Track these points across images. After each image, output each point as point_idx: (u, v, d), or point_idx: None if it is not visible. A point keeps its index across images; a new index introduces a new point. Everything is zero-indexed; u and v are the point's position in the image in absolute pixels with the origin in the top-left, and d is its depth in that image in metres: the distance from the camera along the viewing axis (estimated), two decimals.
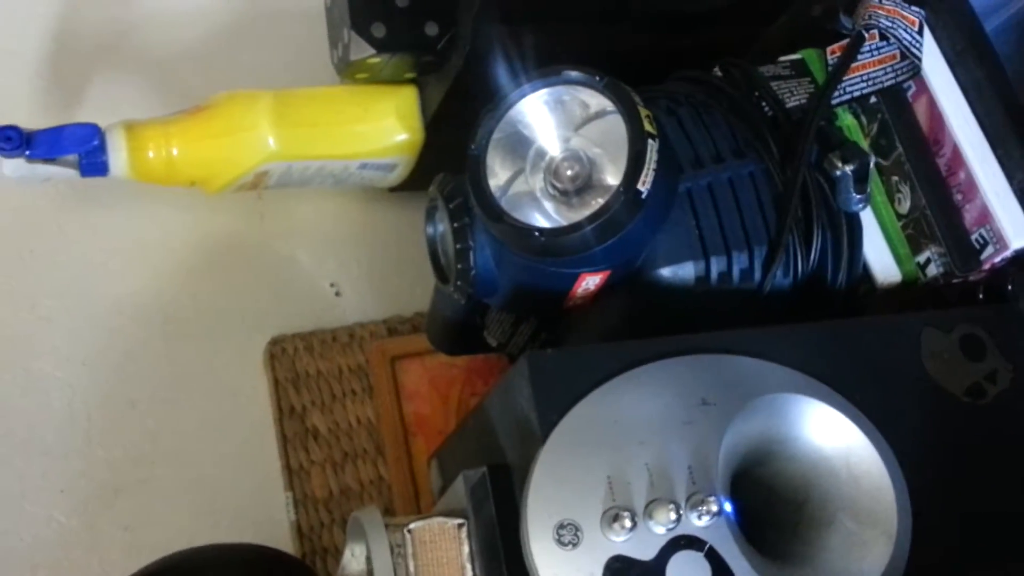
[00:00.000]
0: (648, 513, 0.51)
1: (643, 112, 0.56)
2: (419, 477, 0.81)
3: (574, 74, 0.58)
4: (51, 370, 0.82)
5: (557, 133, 0.59)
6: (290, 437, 0.81)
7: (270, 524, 0.80)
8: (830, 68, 0.64)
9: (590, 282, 0.59)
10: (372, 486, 0.81)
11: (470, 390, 0.83)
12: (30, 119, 0.72)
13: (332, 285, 0.87)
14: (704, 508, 0.50)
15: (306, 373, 0.83)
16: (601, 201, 0.56)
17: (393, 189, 0.84)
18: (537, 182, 0.59)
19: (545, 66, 0.60)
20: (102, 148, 0.73)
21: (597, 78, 0.57)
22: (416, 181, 0.80)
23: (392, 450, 0.81)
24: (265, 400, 0.83)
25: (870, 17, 0.63)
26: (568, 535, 0.50)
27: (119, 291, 0.84)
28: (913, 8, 0.63)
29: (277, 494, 0.81)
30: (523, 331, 0.66)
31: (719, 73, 0.66)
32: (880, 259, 0.63)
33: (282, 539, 0.80)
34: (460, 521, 0.55)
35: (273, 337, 0.84)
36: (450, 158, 0.63)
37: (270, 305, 0.85)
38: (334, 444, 0.82)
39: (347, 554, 0.59)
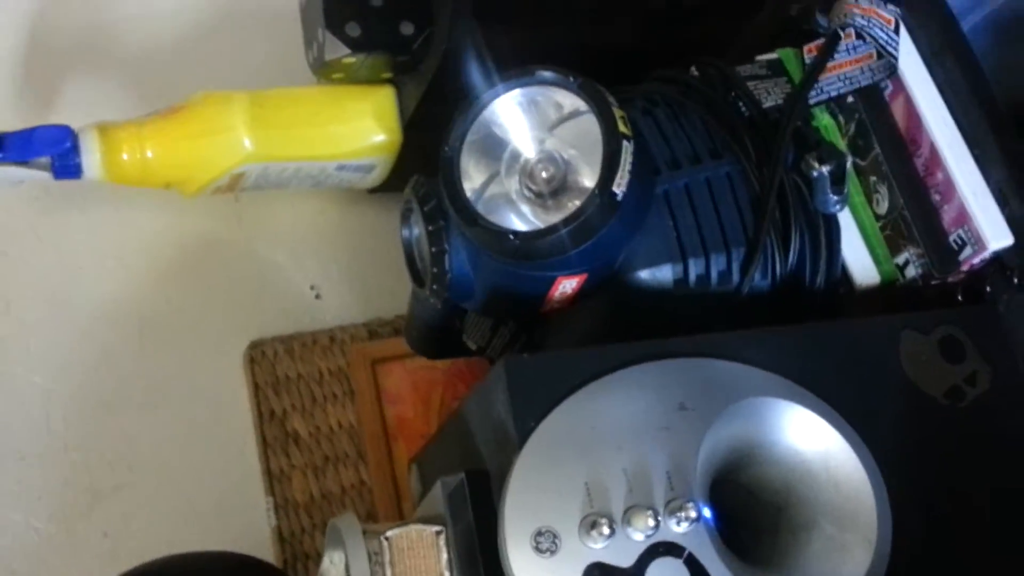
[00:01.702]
0: (626, 520, 0.50)
1: (617, 113, 0.56)
2: (400, 481, 0.80)
3: (547, 74, 0.57)
4: (27, 375, 0.81)
5: (531, 134, 0.58)
6: (270, 441, 0.81)
7: (250, 529, 0.80)
8: (807, 67, 0.63)
9: (567, 285, 0.58)
10: (353, 490, 0.81)
11: (452, 393, 0.83)
12: (2, 121, 0.71)
13: (312, 288, 0.87)
14: (683, 514, 0.50)
15: (286, 377, 0.82)
16: (577, 203, 0.55)
17: (372, 190, 0.83)
18: (512, 184, 0.58)
19: (521, 66, 0.59)
20: (75, 150, 0.72)
21: (571, 78, 0.57)
22: (395, 182, 0.80)
23: (373, 454, 0.81)
24: (245, 404, 0.82)
25: (846, 16, 0.63)
26: (546, 542, 0.50)
27: (95, 294, 0.83)
28: (889, 7, 0.62)
29: (257, 499, 0.80)
30: (502, 334, 0.66)
31: (695, 73, 0.65)
32: (858, 260, 0.62)
33: (263, 544, 0.79)
34: (438, 528, 0.55)
35: (252, 340, 0.83)
36: (429, 159, 0.62)
37: (249, 308, 0.85)
38: (315, 448, 0.81)
39: (325, 561, 0.59)
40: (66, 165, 0.72)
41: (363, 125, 0.78)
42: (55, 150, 0.72)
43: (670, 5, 0.74)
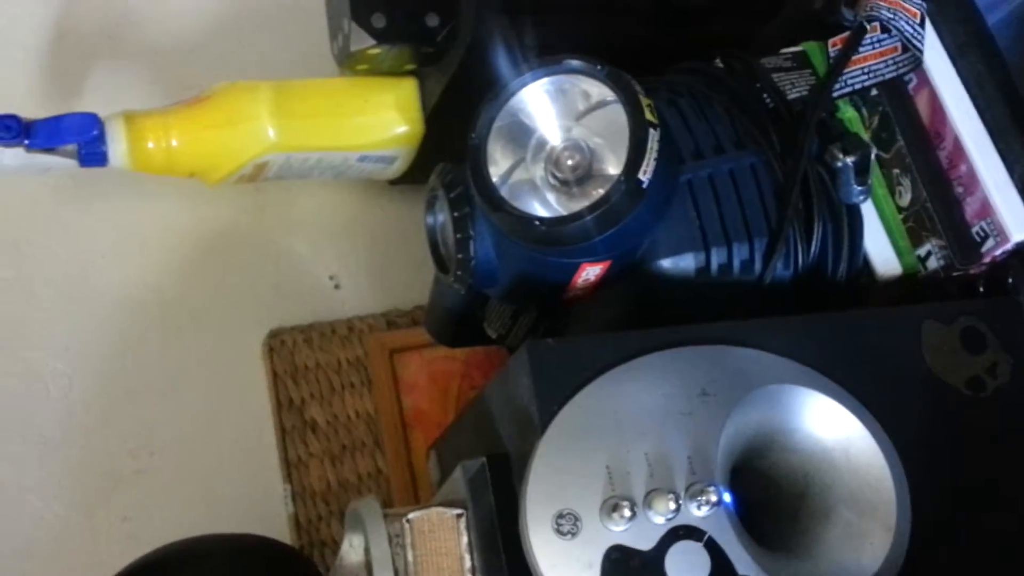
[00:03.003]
0: (647, 503, 0.50)
1: (644, 101, 0.56)
2: (417, 470, 0.80)
3: (575, 63, 0.58)
4: (49, 360, 0.81)
5: (558, 122, 0.59)
6: (288, 430, 0.81)
7: (268, 516, 0.80)
8: (831, 60, 0.64)
9: (590, 272, 0.59)
10: (370, 479, 0.81)
11: (469, 383, 0.83)
12: (29, 109, 0.72)
13: (331, 278, 0.87)
14: (703, 498, 0.50)
15: (305, 366, 0.83)
16: (602, 191, 0.56)
17: (393, 182, 0.84)
18: (538, 171, 0.58)
19: (545, 57, 0.59)
20: (101, 138, 0.73)
21: (599, 67, 0.57)
22: (416, 174, 0.80)
23: (390, 443, 0.81)
24: (264, 392, 0.83)
25: (872, 9, 0.63)
26: (567, 525, 0.50)
27: (118, 282, 0.83)
28: (915, 1, 0.62)
29: (275, 486, 0.81)
30: (523, 323, 0.66)
31: (720, 64, 0.65)
32: (880, 251, 0.63)
33: (280, 532, 0.79)
34: (459, 511, 0.55)
35: (272, 330, 0.84)
36: (450, 150, 0.62)
37: (269, 297, 0.85)
38: (332, 437, 0.82)
39: (345, 545, 0.59)
40: (92, 153, 0.73)
41: (386, 116, 0.78)
42: (82, 138, 0.72)
43: None
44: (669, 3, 0.73)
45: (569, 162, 0.58)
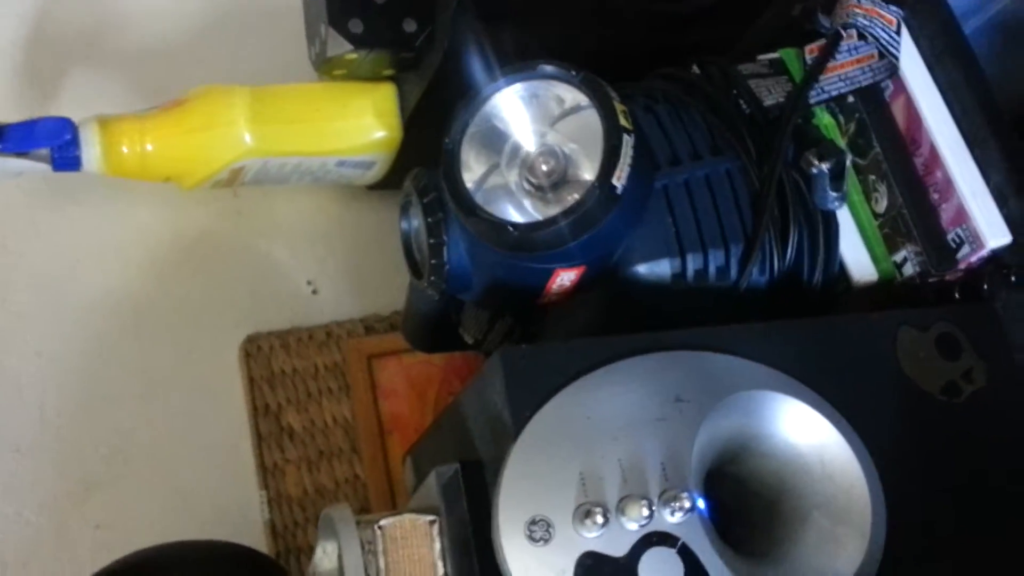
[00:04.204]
0: (620, 509, 0.50)
1: (619, 107, 0.56)
2: (395, 476, 0.80)
3: (549, 68, 0.57)
4: (22, 366, 0.81)
5: (532, 128, 0.58)
6: (265, 435, 0.81)
7: (244, 523, 0.79)
8: (808, 67, 0.64)
9: (565, 278, 0.58)
10: (348, 485, 0.80)
11: (447, 389, 0.83)
12: (3, 113, 0.71)
13: (309, 283, 0.87)
14: (677, 504, 0.50)
15: (282, 371, 0.82)
16: (576, 196, 0.56)
17: (371, 187, 0.83)
18: (512, 177, 0.58)
19: (520, 63, 0.59)
20: (75, 142, 0.72)
21: (572, 72, 0.57)
22: (394, 179, 0.80)
23: (368, 449, 0.80)
24: (240, 398, 0.82)
25: (848, 16, 0.63)
26: (540, 531, 0.50)
27: (92, 287, 0.83)
28: (891, 8, 0.63)
29: (251, 493, 0.80)
30: (499, 328, 0.66)
31: (697, 71, 0.65)
32: (856, 257, 0.63)
33: (256, 538, 0.79)
34: (432, 518, 0.55)
35: (249, 335, 0.83)
36: (428, 156, 0.62)
37: (246, 302, 0.85)
38: (309, 443, 0.81)
39: (318, 551, 0.59)
40: (66, 157, 0.73)
41: (364, 122, 0.78)
42: (55, 142, 0.72)
43: (673, 6, 0.74)
44: (648, 10, 0.73)
45: (544, 167, 0.57)
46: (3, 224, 0.83)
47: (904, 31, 0.63)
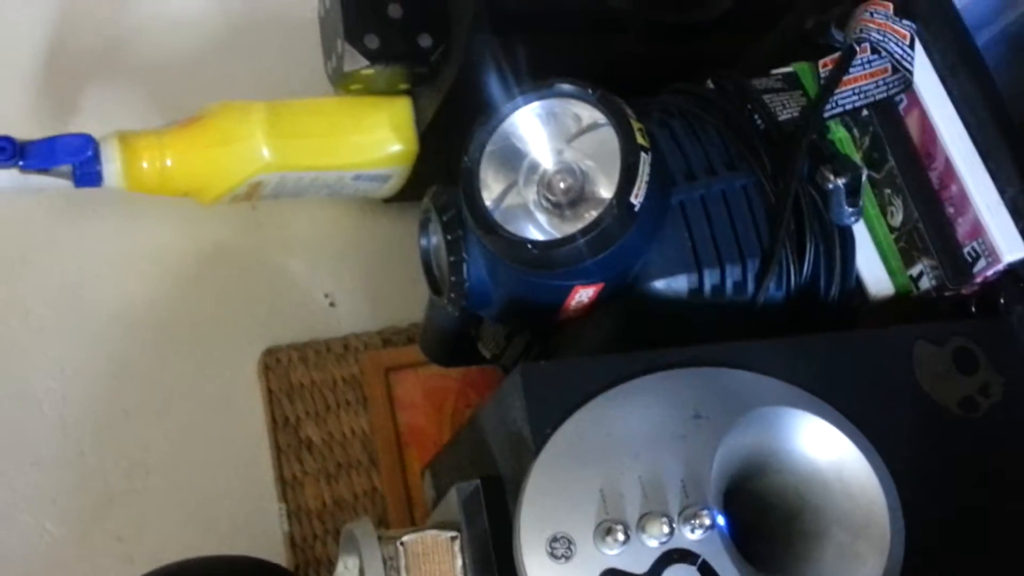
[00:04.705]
0: (641, 526, 0.51)
1: (635, 125, 0.56)
2: (413, 488, 0.81)
3: (566, 87, 0.58)
4: (43, 380, 0.81)
5: (550, 146, 0.59)
6: (284, 448, 0.81)
7: (263, 535, 0.80)
8: (822, 81, 0.64)
9: (583, 295, 0.59)
10: (366, 497, 0.81)
11: (464, 401, 0.83)
12: (24, 130, 0.72)
13: (326, 296, 0.87)
14: (697, 521, 0.50)
15: (300, 384, 0.83)
16: (594, 213, 0.56)
17: (387, 200, 0.84)
18: (530, 194, 0.59)
19: (538, 78, 0.60)
20: (96, 158, 0.73)
21: (589, 91, 0.57)
22: (410, 192, 0.80)
23: (386, 461, 0.81)
24: (259, 411, 0.83)
25: (861, 31, 0.63)
26: (561, 548, 0.50)
27: (113, 301, 0.83)
28: (904, 22, 0.63)
29: (270, 505, 0.81)
30: (517, 343, 0.66)
31: (712, 86, 0.66)
32: (873, 272, 0.63)
33: (275, 550, 0.79)
34: (453, 534, 0.55)
35: (267, 348, 0.84)
36: (444, 169, 0.63)
37: (264, 316, 0.85)
38: (328, 455, 0.82)
39: (340, 567, 0.59)
40: (87, 173, 0.73)
41: (380, 136, 0.78)
42: (77, 158, 0.73)
43: (686, 19, 0.74)
44: (661, 23, 0.74)
45: (561, 185, 0.58)
46: (25, 240, 0.83)
47: (917, 45, 0.63)
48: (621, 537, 0.50)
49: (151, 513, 0.80)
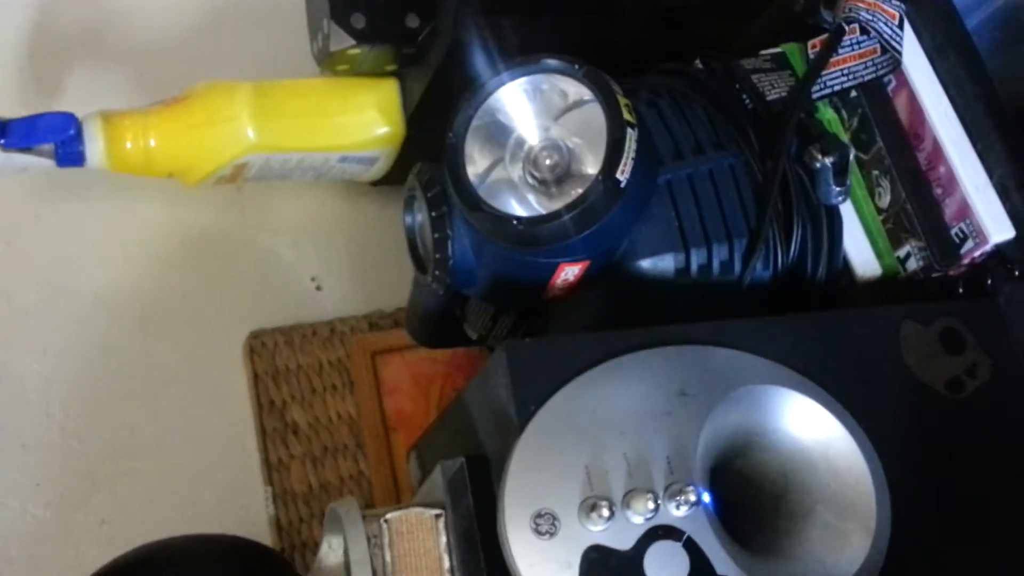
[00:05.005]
0: (626, 503, 0.50)
1: (622, 101, 0.56)
2: (399, 472, 0.80)
3: (553, 62, 0.57)
4: (27, 362, 0.81)
5: (536, 122, 0.58)
6: (269, 431, 0.81)
7: (249, 519, 0.80)
8: (810, 62, 0.64)
9: (569, 272, 0.58)
10: (352, 481, 0.81)
11: (451, 385, 0.83)
12: (6, 108, 0.71)
13: (313, 279, 0.87)
14: (682, 498, 0.50)
15: (286, 367, 0.83)
16: (580, 190, 0.56)
17: (375, 183, 0.83)
18: (516, 171, 0.58)
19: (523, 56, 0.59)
20: (79, 138, 0.72)
21: (576, 66, 0.57)
22: (398, 175, 0.80)
23: (372, 445, 0.81)
24: (244, 394, 0.82)
25: (850, 11, 0.63)
26: (545, 525, 0.50)
27: (97, 283, 0.83)
28: (894, 2, 0.63)
29: (256, 489, 0.80)
30: (503, 323, 0.66)
31: (700, 66, 0.65)
32: (860, 252, 0.63)
33: (261, 534, 0.79)
34: (438, 512, 0.55)
35: (253, 331, 0.83)
36: (431, 151, 0.62)
37: (250, 299, 0.85)
38: (314, 439, 0.81)
39: (324, 546, 0.59)
40: (69, 153, 0.73)
41: (367, 117, 0.78)
42: (59, 137, 0.72)
43: (677, 1, 0.74)
44: (650, 4, 0.73)
45: (547, 162, 0.58)
46: (7, 221, 0.83)
47: (906, 25, 0.63)
48: (606, 513, 0.49)
49: (136, 496, 0.79)
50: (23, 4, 0.86)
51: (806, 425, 0.55)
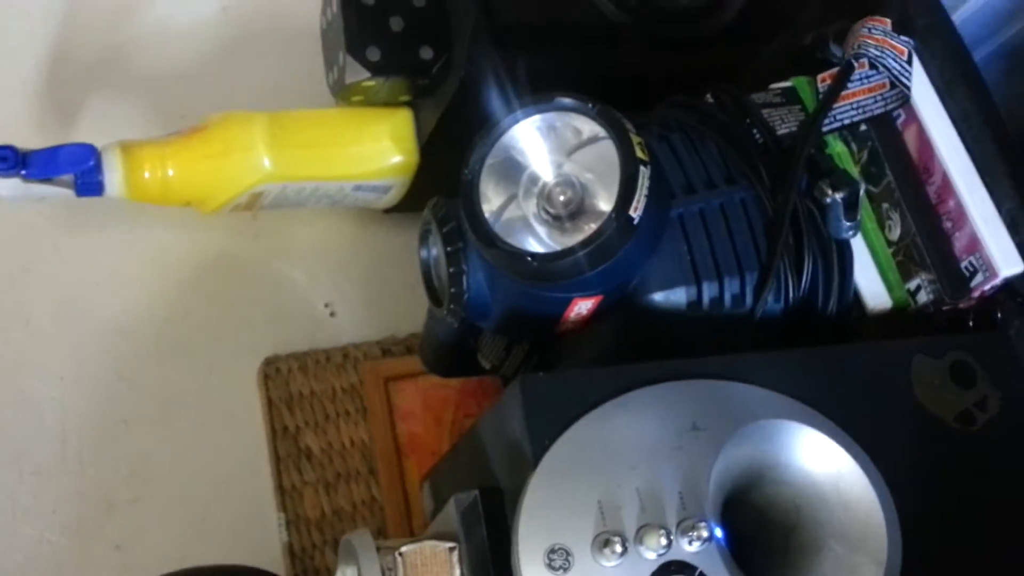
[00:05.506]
0: (639, 538, 0.51)
1: (635, 139, 0.57)
2: (412, 498, 0.81)
3: (566, 100, 0.58)
4: (44, 389, 0.82)
5: (550, 159, 0.59)
6: (283, 457, 0.81)
7: (262, 544, 0.80)
8: (820, 96, 0.64)
9: (583, 307, 0.59)
10: (365, 507, 0.81)
11: (464, 411, 0.83)
12: (26, 138, 0.72)
13: (327, 305, 0.88)
14: (695, 533, 0.51)
15: (300, 393, 0.83)
16: (594, 226, 0.56)
17: (388, 210, 0.84)
18: (530, 207, 0.59)
19: (538, 91, 0.60)
20: (98, 168, 0.73)
21: (589, 105, 0.58)
22: (411, 202, 0.81)
23: (385, 471, 0.81)
24: (258, 420, 0.83)
25: (859, 46, 0.64)
26: (559, 560, 0.50)
27: (114, 310, 0.84)
28: (902, 38, 0.63)
29: (270, 514, 0.81)
30: (516, 353, 0.67)
31: (710, 100, 0.66)
32: (870, 285, 0.63)
33: (274, 560, 0.79)
34: (451, 545, 0.55)
35: (267, 357, 0.84)
36: (444, 180, 0.63)
37: (264, 325, 0.86)
38: (327, 465, 0.82)
39: None
40: (89, 183, 0.73)
41: (381, 147, 0.79)
42: (79, 168, 0.73)
43: (685, 33, 0.75)
44: (661, 37, 0.74)
45: (561, 198, 0.58)
46: (26, 249, 0.84)
47: (915, 60, 0.63)
48: (619, 549, 0.50)
49: (150, 522, 0.80)
50: (42, 34, 0.87)
51: (818, 459, 0.55)
